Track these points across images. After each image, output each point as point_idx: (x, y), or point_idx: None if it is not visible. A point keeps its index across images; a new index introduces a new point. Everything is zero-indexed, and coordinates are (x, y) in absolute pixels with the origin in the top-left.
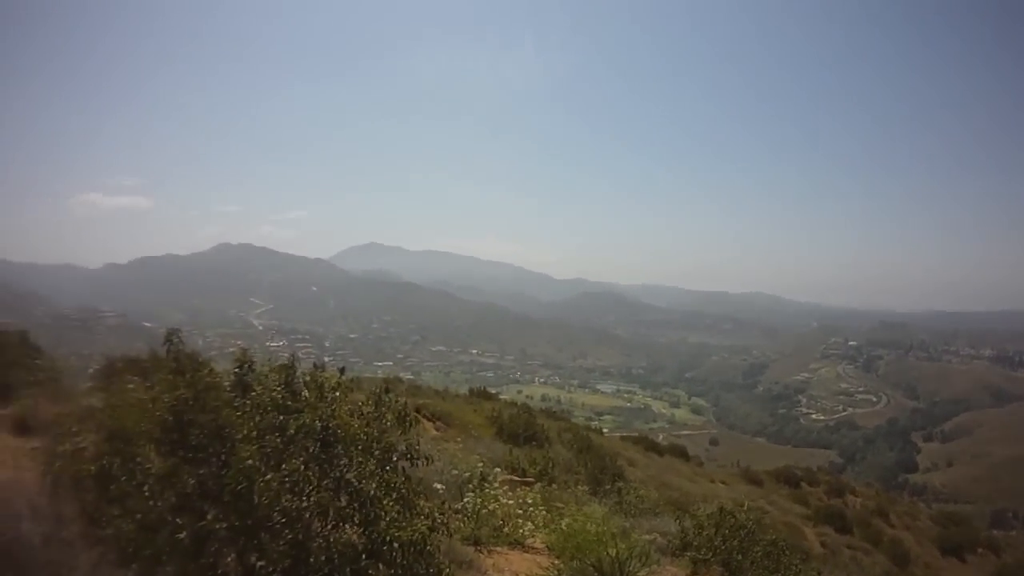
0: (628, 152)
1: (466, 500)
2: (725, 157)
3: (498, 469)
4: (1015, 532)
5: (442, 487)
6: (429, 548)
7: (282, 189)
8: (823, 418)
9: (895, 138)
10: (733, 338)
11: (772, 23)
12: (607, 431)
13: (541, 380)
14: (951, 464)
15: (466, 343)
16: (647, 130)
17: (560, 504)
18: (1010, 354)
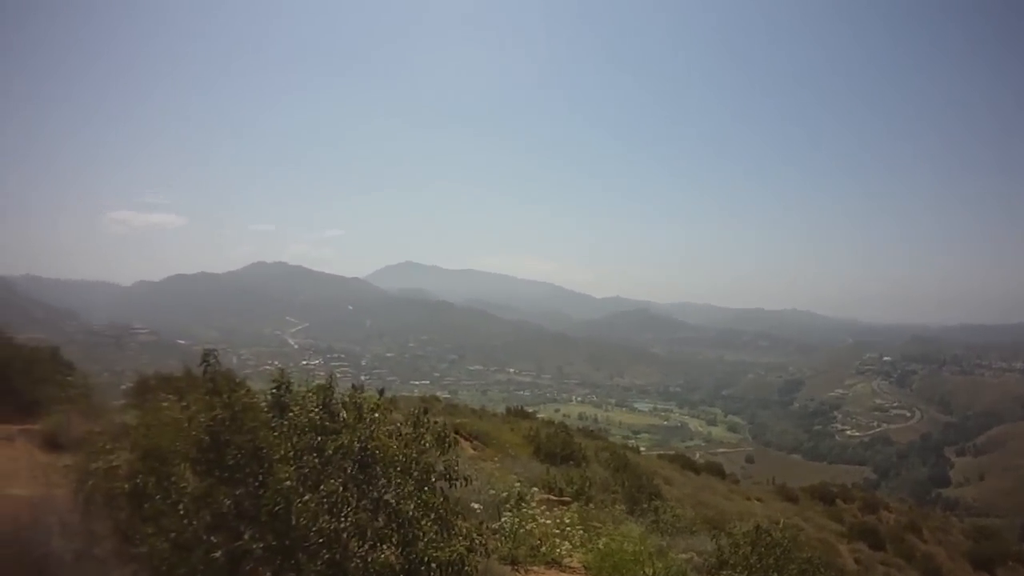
0: (663, 172)
1: (503, 520)
2: (758, 177)
3: (535, 488)
4: None
5: (479, 507)
6: (467, 568)
7: (317, 208)
8: (858, 434)
9: (925, 150)
10: (769, 355)
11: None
12: (644, 449)
13: (578, 399)
14: (983, 478)
15: (503, 362)
16: (681, 150)
17: (597, 523)
18: None
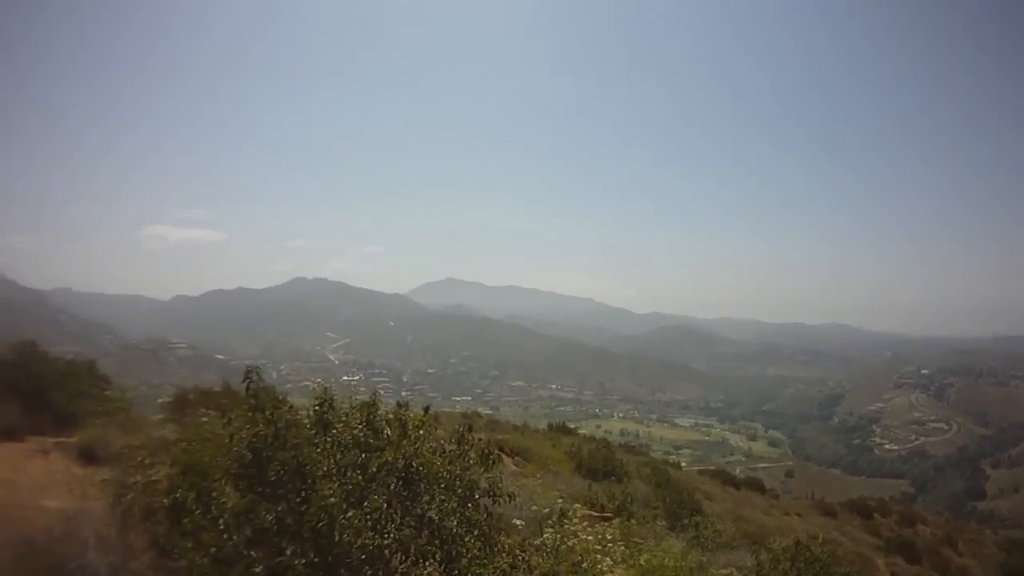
0: (705, 191)
1: (545, 536)
2: (799, 197)
3: (577, 505)
4: None
5: (522, 523)
6: None
7: (358, 225)
8: (896, 448)
9: (964, 166)
10: (810, 370)
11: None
12: (685, 465)
13: (620, 414)
14: (1017, 490)
15: (545, 378)
16: (723, 168)
17: (638, 539)
18: None
